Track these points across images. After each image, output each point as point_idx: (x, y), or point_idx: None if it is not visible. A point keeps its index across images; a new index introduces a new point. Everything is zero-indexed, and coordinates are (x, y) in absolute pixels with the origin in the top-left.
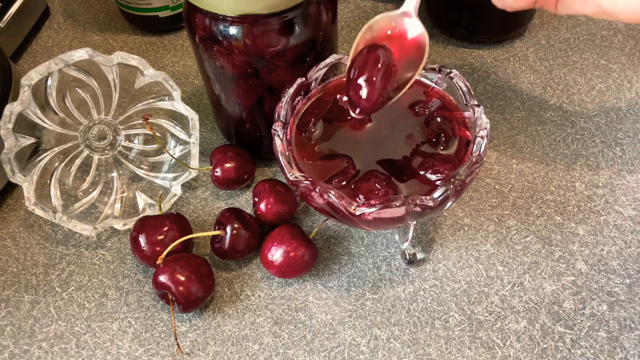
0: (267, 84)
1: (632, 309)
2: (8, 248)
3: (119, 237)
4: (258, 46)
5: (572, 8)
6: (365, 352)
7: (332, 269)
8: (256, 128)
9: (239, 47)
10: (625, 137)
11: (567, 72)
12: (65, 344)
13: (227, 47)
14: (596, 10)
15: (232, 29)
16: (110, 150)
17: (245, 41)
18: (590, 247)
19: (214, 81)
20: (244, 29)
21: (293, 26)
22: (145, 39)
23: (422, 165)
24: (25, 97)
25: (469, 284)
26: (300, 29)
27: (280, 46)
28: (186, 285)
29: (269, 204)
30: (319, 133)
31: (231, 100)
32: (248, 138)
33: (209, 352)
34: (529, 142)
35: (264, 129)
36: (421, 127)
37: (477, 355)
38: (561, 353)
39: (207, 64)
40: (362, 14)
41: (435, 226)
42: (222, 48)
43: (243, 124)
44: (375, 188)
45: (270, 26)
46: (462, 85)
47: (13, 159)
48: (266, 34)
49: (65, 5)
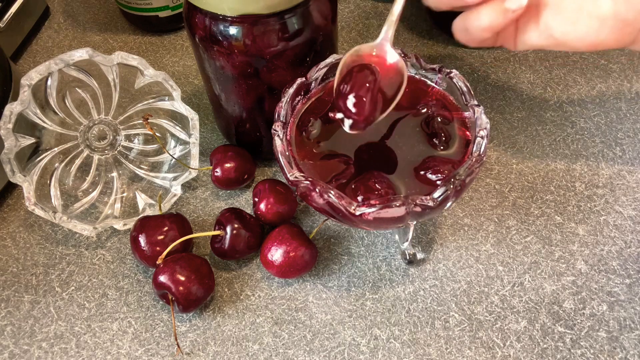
0: (267, 84)
1: (632, 309)
2: (8, 248)
3: (119, 237)
4: (258, 46)
5: (530, 43)
6: (365, 352)
7: (332, 269)
8: (256, 128)
9: (239, 47)
10: (625, 137)
11: (567, 72)
12: (65, 344)
13: (227, 47)
14: (551, 42)
15: (232, 29)
16: (110, 150)
17: (245, 41)
18: (590, 247)
19: (214, 81)
20: (244, 29)
21: (293, 26)
22: (145, 39)
23: (422, 165)
24: (25, 97)
25: (469, 284)
26: (300, 29)
27: (280, 46)
28: (186, 285)
29: (269, 204)
30: (319, 133)
31: (231, 100)
32: (248, 138)
33: (209, 352)
34: (529, 142)
35: (264, 129)
36: (421, 127)
37: (477, 355)
38: (561, 353)
39: (207, 64)
40: (362, 14)
41: (435, 226)
42: (222, 48)
43: (243, 124)
44: (375, 188)
45: (270, 26)
46: (462, 85)
47: (13, 159)
48: (266, 34)
49: (65, 5)
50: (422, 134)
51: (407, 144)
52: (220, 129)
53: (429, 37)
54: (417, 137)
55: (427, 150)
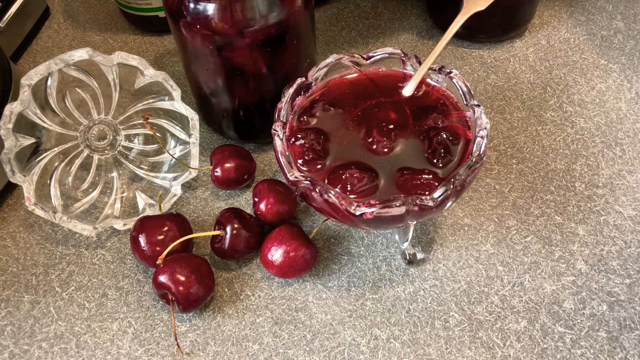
0: (231, 64)
1: (632, 309)
2: (8, 248)
3: (119, 237)
4: (223, 24)
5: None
6: (365, 352)
7: (332, 269)
8: (229, 109)
9: (204, 23)
10: (625, 137)
11: (567, 72)
12: (65, 344)
13: (198, 24)
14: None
15: (201, 5)
16: (110, 150)
17: (214, 19)
18: (590, 247)
19: (190, 58)
20: (215, 6)
21: (255, 7)
22: (145, 39)
23: (407, 173)
24: (25, 97)
25: (469, 284)
26: (264, 11)
27: (244, 26)
28: (186, 285)
29: (269, 204)
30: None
31: (199, 76)
32: (234, 122)
33: (209, 352)
34: (529, 142)
35: (235, 111)
36: (423, 139)
37: (477, 355)
38: (561, 353)
39: (179, 40)
40: (362, 14)
41: (435, 226)
42: (192, 25)
43: (212, 101)
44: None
45: (235, 4)
46: (462, 85)
47: (13, 159)
48: (230, 12)
49: (65, 5)
50: (423, 145)
51: (406, 153)
52: (207, 121)
53: (429, 37)
54: (417, 148)
55: (422, 162)
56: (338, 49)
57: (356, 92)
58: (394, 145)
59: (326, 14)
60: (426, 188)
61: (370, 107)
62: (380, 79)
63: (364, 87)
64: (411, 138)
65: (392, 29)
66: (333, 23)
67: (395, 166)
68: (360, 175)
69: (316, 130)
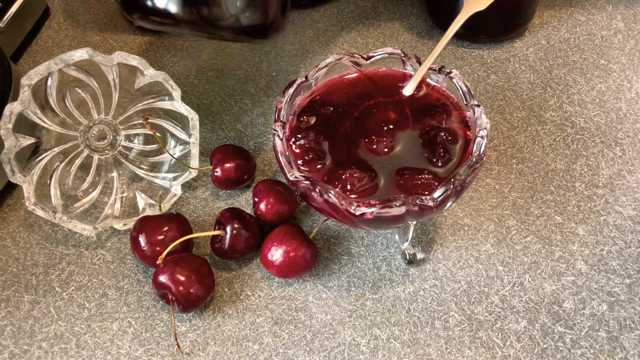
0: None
1: (632, 309)
2: (8, 248)
3: (119, 237)
4: None
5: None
6: (365, 352)
7: (332, 269)
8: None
9: None
10: (625, 137)
11: (567, 72)
12: (65, 344)
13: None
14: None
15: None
16: (110, 150)
17: None
18: (590, 247)
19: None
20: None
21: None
22: (145, 39)
23: (407, 173)
24: (25, 97)
25: (469, 284)
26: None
27: None
28: (186, 285)
29: (269, 204)
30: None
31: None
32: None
33: (209, 352)
34: (529, 142)
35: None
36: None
37: (477, 355)
38: (561, 353)
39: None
40: (362, 14)
41: (435, 226)
42: None
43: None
44: (354, 177)
45: None
46: (462, 85)
47: (13, 159)
48: None
49: (65, 5)
50: (423, 145)
51: (406, 152)
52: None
53: (429, 37)
54: (417, 147)
55: (422, 162)
56: (338, 49)
57: (356, 92)
58: (394, 145)
59: (326, 14)
60: (426, 188)
61: (370, 107)
62: (380, 79)
63: (363, 87)
64: (411, 138)
65: (392, 29)
66: (333, 23)
67: (395, 166)
68: (360, 175)
69: (316, 130)
